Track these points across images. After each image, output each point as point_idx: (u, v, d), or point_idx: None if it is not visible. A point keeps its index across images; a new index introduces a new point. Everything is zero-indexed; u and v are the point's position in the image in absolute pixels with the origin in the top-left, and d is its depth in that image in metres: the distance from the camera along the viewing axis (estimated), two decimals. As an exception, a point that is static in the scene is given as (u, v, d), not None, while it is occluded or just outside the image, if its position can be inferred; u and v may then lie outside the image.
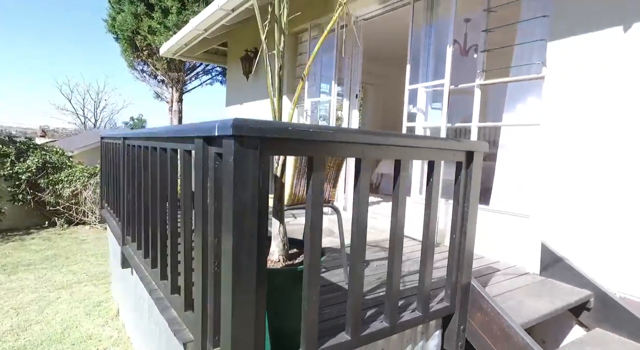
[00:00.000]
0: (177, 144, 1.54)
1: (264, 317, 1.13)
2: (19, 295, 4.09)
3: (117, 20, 9.14)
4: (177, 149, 1.55)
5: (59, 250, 6.33)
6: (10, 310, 3.69)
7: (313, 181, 1.21)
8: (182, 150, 1.47)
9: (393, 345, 1.61)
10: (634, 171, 2.05)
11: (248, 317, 1.08)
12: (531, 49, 2.67)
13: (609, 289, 2.14)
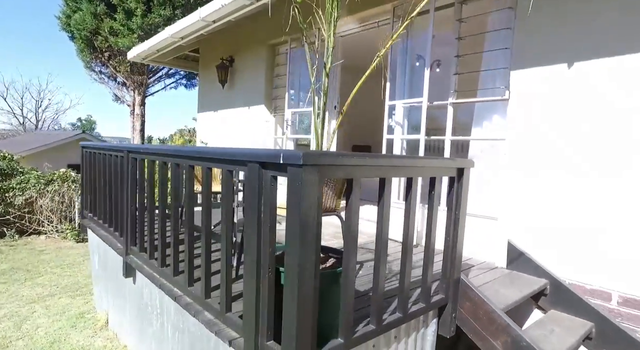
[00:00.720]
0: (215, 163, 1.73)
1: (317, 313, 1.37)
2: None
3: (74, 19, 8.73)
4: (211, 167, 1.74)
5: (16, 262, 6.01)
6: None
7: (352, 201, 1.47)
8: (225, 171, 1.66)
9: (403, 333, 1.90)
10: (578, 180, 2.52)
11: (308, 313, 1.32)
12: (495, 75, 3.11)
13: (561, 277, 2.60)
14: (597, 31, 2.45)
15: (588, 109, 2.49)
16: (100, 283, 3.71)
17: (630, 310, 2.31)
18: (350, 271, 1.50)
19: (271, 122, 5.41)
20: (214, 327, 1.76)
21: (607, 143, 2.41)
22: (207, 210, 1.82)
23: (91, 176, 3.70)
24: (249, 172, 1.48)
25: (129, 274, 2.80)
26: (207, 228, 1.84)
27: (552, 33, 2.63)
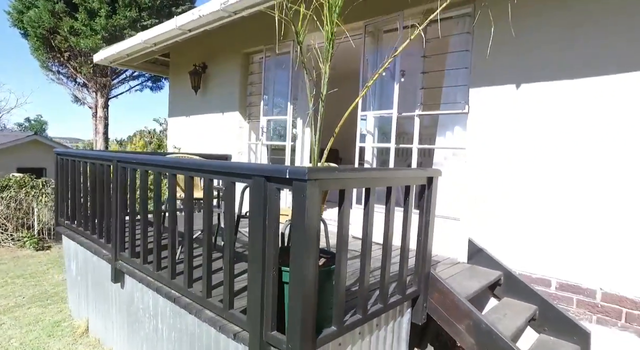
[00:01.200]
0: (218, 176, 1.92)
1: (316, 306, 1.61)
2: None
3: (28, 16, 8.32)
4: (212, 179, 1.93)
5: (-34, 274, 5.72)
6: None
7: (344, 209, 1.72)
8: (228, 182, 1.86)
9: (383, 321, 2.18)
10: (524, 185, 2.94)
11: (310, 306, 1.55)
12: (457, 91, 3.49)
13: (512, 268, 3.00)
14: (537, 61, 2.87)
15: (533, 123, 2.90)
16: (79, 290, 3.71)
17: (564, 293, 2.74)
18: (342, 269, 1.75)
19: (245, 128, 5.56)
20: (217, 323, 1.95)
21: (545, 153, 2.83)
22: (208, 215, 2.00)
23: (69, 184, 3.69)
24: (254, 184, 1.68)
25: (118, 280, 2.88)
26: (208, 232, 2.01)
27: (503, 59, 3.03)
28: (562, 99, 2.78)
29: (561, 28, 2.78)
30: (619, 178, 2.54)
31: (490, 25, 2.71)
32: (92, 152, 3.55)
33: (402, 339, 2.38)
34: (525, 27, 2.89)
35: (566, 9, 2.75)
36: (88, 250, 3.37)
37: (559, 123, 2.79)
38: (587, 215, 2.67)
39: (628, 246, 2.51)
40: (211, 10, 4.16)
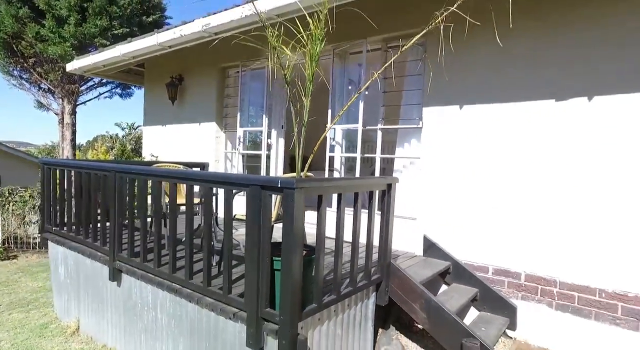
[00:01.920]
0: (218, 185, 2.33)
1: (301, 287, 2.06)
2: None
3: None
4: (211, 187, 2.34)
5: None
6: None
7: (322, 210, 2.19)
8: (228, 190, 2.28)
9: (353, 302, 2.66)
10: (466, 188, 3.54)
11: (297, 287, 2.01)
12: (413, 108, 4.08)
13: (459, 259, 3.59)
14: (473, 88, 3.50)
15: (472, 137, 3.52)
16: (68, 292, 3.92)
17: (498, 277, 3.36)
18: (321, 259, 2.21)
19: (222, 138, 5.91)
20: (217, 307, 2.35)
21: (481, 161, 3.46)
22: (207, 216, 2.40)
23: (56, 192, 3.91)
24: (251, 191, 2.12)
25: (115, 278, 3.18)
26: (209, 230, 2.42)
27: (449, 84, 3.64)
28: (492, 117, 3.41)
29: (490, 64, 3.41)
30: (534, 181, 3.19)
31: (436, 55, 3.30)
32: (89, 162, 3.78)
33: (369, 318, 2.87)
34: (464, 60, 3.51)
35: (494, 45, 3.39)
36: (80, 254, 3.62)
37: (491, 137, 3.42)
38: (512, 212, 3.30)
39: (541, 235, 3.16)
40: (192, 31, 4.53)
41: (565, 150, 3.07)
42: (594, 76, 2.96)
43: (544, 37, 3.17)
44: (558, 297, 3.10)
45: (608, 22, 2.91)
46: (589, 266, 2.97)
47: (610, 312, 2.87)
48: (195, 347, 2.58)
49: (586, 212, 2.98)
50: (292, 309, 2.00)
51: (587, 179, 2.98)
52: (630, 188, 2.81)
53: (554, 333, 3.10)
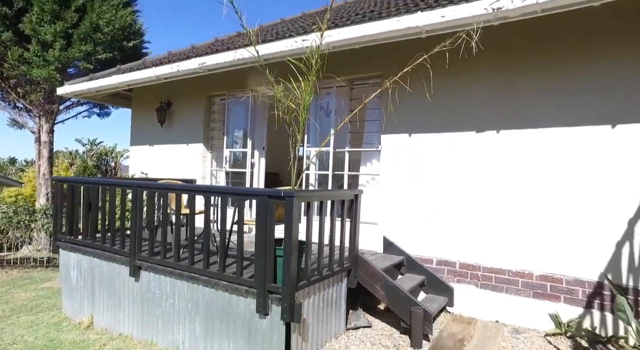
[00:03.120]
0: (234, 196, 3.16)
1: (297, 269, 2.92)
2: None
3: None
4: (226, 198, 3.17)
5: None
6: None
7: (309, 213, 3.08)
8: (241, 199, 3.11)
9: (331, 283, 3.54)
10: (413, 199, 4.57)
11: (294, 267, 2.87)
12: (373, 135, 5.09)
13: (410, 254, 4.57)
14: (417, 121, 4.57)
15: (417, 158, 4.57)
16: (81, 293, 4.48)
17: (440, 266, 4.37)
18: (309, 249, 3.09)
19: (208, 157, 6.67)
20: (231, 288, 3.14)
21: (424, 177, 4.50)
22: (223, 221, 3.22)
23: (73, 206, 4.51)
24: (260, 199, 2.97)
25: (134, 275, 3.85)
26: (223, 230, 3.22)
27: (399, 117, 4.69)
28: (432, 144, 4.49)
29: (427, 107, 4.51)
30: (462, 191, 4.27)
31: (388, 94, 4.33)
32: (107, 179, 4.43)
33: (342, 297, 3.75)
34: (409, 103, 4.57)
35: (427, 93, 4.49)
36: (96, 258, 4.24)
37: (432, 158, 4.49)
38: (448, 216, 4.35)
39: (469, 233, 4.21)
40: (189, 67, 5.35)
41: (482, 168, 4.18)
42: (499, 116, 4.10)
43: (459, 90, 4.31)
44: (481, 279, 4.15)
45: (499, 82, 4.08)
46: (501, 254, 4.04)
47: (514, 286, 3.95)
48: (210, 322, 3.34)
49: (497, 215, 4.07)
50: (290, 283, 2.85)
51: (496, 189, 4.08)
52: (523, 197, 3.93)
53: (479, 305, 4.13)
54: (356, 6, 6.31)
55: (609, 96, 3.56)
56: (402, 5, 4.62)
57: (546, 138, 3.85)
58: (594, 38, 3.64)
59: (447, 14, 3.50)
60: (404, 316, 3.61)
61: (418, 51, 3.17)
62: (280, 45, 4.45)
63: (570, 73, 3.76)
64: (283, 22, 7.86)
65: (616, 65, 3.54)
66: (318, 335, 3.36)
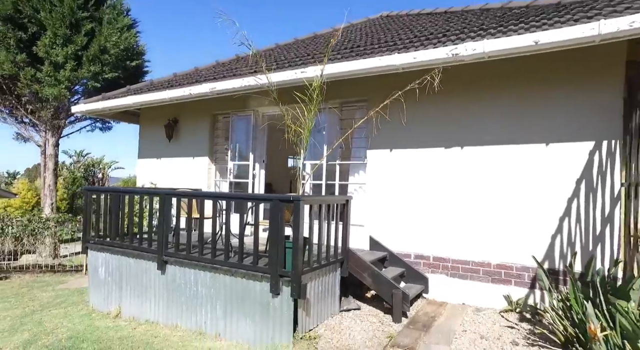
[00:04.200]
0: (251, 201, 3.96)
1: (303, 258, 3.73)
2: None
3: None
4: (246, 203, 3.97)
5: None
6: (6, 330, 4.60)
7: (312, 213, 3.91)
8: (257, 203, 3.92)
9: (328, 271, 4.34)
10: (394, 204, 5.44)
11: (300, 256, 3.68)
12: (361, 150, 5.97)
13: (392, 250, 5.41)
14: (397, 138, 5.47)
15: (397, 170, 5.46)
16: (108, 288, 5.15)
17: (417, 260, 5.24)
18: (311, 243, 3.90)
19: (212, 169, 7.43)
20: (248, 274, 3.92)
21: (403, 186, 5.39)
22: (242, 222, 4.00)
23: (103, 212, 5.21)
24: (273, 203, 3.78)
25: (161, 268, 4.57)
26: (242, 228, 4.01)
27: (382, 135, 5.58)
28: (410, 158, 5.39)
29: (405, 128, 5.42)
30: (434, 197, 5.16)
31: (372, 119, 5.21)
32: (136, 189, 5.15)
33: (336, 284, 4.56)
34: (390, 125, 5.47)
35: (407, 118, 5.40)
36: (124, 256, 4.95)
37: (410, 169, 5.38)
38: (424, 218, 5.23)
39: (441, 231, 5.09)
40: (200, 91, 6.16)
41: (450, 178, 5.09)
42: (462, 136, 5.04)
43: (431, 114, 5.24)
44: (451, 269, 5.02)
45: (460, 109, 5.03)
46: (466, 248, 4.93)
47: (476, 274, 4.83)
48: (229, 304, 4.09)
49: (462, 216, 4.97)
50: (297, 268, 3.65)
51: (461, 194, 4.99)
52: (482, 201, 4.84)
53: (449, 291, 5.00)
54: (344, 37, 7.25)
55: (546, 121, 4.53)
56: (383, 42, 5.58)
57: (497, 153, 4.79)
58: (532, 76, 4.62)
59: (418, 56, 4.43)
60: (387, 298, 4.43)
61: (397, 80, 4.13)
62: (282, 75, 5.31)
63: (514, 102, 4.72)
64: (278, 48, 8.77)
65: (546, 96, 4.52)
66: (318, 313, 4.16)
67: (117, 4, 10.52)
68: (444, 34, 4.96)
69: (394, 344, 3.66)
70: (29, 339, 4.26)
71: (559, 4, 4.90)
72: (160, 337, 4.25)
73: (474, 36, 4.43)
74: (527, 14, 4.85)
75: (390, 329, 4.11)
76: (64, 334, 4.37)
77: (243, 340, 3.97)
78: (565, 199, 4.38)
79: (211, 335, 4.20)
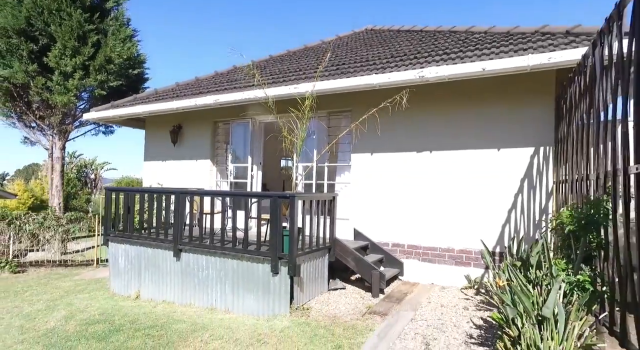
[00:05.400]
0: (256, 198, 4.82)
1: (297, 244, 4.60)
2: (29, 307, 5.65)
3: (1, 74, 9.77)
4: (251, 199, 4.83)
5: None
6: (43, 309, 5.38)
7: (304, 208, 4.79)
8: (260, 199, 4.77)
9: (317, 255, 5.22)
10: (375, 200, 6.34)
11: (295, 242, 4.55)
12: (346, 154, 6.86)
13: (373, 240, 6.31)
14: (377, 144, 6.38)
15: (377, 171, 6.36)
16: (128, 275, 5.95)
17: (394, 248, 6.15)
18: (304, 232, 4.77)
19: (213, 171, 8.25)
20: (252, 258, 4.77)
21: (381, 184, 6.30)
22: (246, 216, 4.85)
23: (123, 209, 6.00)
24: (273, 199, 4.64)
25: (176, 255, 5.40)
26: (246, 223, 4.86)
27: (364, 141, 6.48)
28: (388, 161, 6.30)
29: (381, 137, 6.32)
30: (407, 194, 6.07)
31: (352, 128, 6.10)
32: (153, 188, 5.95)
33: (325, 267, 5.44)
34: (368, 135, 6.38)
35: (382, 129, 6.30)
36: (142, 247, 5.75)
37: (387, 170, 6.29)
38: (400, 212, 6.14)
39: (414, 224, 6.01)
40: (205, 102, 6.98)
41: (421, 177, 6.00)
42: (431, 142, 5.96)
43: (406, 124, 6.15)
44: (422, 255, 5.95)
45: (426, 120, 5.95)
46: (435, 236, 5.86)
47: (443, 258, 5.76)
48: (236, 283, 4.94)
49: (431, 209, 5.90)
50: (293, 251, 4.52)
51: (431, 191, 5.91)
52: (448, 197, 5.77)
53: (420, 274, 5.92)
54: (332, 52, 8.13)
55: (498, 131, 5.47)
56: (364, 61, 6.48)
57: (460, 157, 5.73)
58: (487, 94, 5.56)
59: (392, 77, 5.34)
60: (367, 278, 5.33)
61: (375, 95, 5.06)
62: (278, 90, 6.17)
63: (473, 117, 5.65)
64: (271, 59, 9.62)
65: (498, 111, 5.46)
66: (310, 290, 5.03)
67: (119, 15, 11.24)
68: (415, 56, 5.88)
69: (371, 312, 4.56)
70: (67, 315, 5.05)
71: (508, 33, 5.85)
72: (178, 312, 5.08)
73: (438, 60, 5.35)
74: (483, 41, 5.80)
75: (370, 302, 5.01)
76: (95, 311, 5.17)
77: (248, 312, 4.83)
78: (512, 194, 5.33)
79: (221, 310, 5.04)
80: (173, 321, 4.59)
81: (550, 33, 5.08)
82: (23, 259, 9.37)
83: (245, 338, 3.93)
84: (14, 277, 8.30)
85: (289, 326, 4.16)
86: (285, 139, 5.00)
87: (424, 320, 4.25)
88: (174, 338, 4.02)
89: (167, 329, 4.31)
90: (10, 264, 8.56)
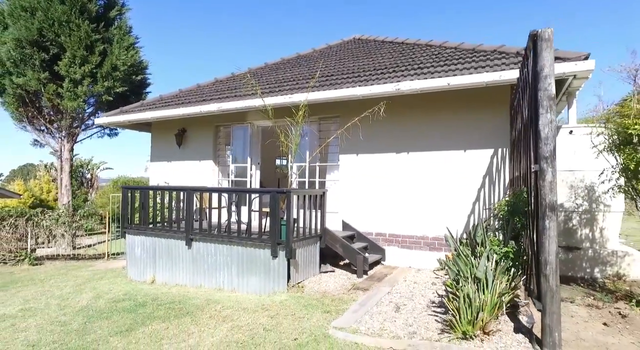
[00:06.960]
0: (257, 194, 5.67)
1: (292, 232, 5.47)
2: (59, 291, 6.45)
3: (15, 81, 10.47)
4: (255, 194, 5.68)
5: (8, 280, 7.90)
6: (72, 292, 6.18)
7: (299, 202, 5.65)
8: (261, 195, 5.63)
9: (310, 242, 6.09)
10: (361, 194, 7.22)
11: (291, 230, 5.42)
12: (335, 154, 7.73)
13: (359, 230, 7.19)
14: (363, 146, 7.26)
15: (362, 170, 7.25)
16: (144, 263, 6.77)
17: (377, 236, 7.05)
18: (299, 223, 5.64)
19: (215, 170, 9.07)
20: (255, 245, 5.63)
21: (366, 181, 7.18)
22: (249, 209, 5.71)
23: (139, 204, 6.82)
24: (272, 194, 5.50)
25: (188, 244, 6.23)
26: (249, 215, 5.72)
27: (351, 143, 7.34)
28: (371, 161, 7.18)
29: (365, 141, 7.20)
30: (389, 189, 6.96)
31: (338, 134, 6.96)
32: (167, 186, 6.77)
33: (317, 253, 6.31)
34: (353, 140, 7.25)
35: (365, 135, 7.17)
36: (157, 238, 6.57)
37: (371, 169, 7.17)
38: (383, 205, 7.03)
39: (394, 215, 6.91)
40: (209, 109, 7.80)
41: (400, 175, 6.90)
42: (409, 143, 6.85)
43: (386, 128, 7.04)
44: (401, 242, 6.85)
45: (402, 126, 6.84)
46: (412, 226, 6.76)
47: (419, 245, 6.67)
48: (241, 267, 5.79)
49: (409, 203, 6.79)
50: (289, 238, 5.39)
51: (408, 188, 6.81)
52: (422, 192, 6.67)
53: (400, 258, 6.82)
54: (322, 62, 8.99)
55: (465, 134, 6.37)
56: (350, 73, 7.35)
57: (433, 157, 6.63)
58: (455, 103, 6.46)
59: (372, 89, 6.22)
60: (353, 261, 6.21)
61: (359, 104, 5.92)
62: (275, 99, 7.02)
63: (444, 124, 6.55)
64: (267, 67, 10.45)
65: (465, 118, 6.37)
66: (304, 272, 5.91)
67: (123, 24, 11.97)
68: (394, 70, 6.77)
69: (356, 288, 5.45)
70: (94, 296, 5.86)
71: (473, 50, 6.76)
72: (191, 292, 5.92)
73: (413, 74, 6.24)
74: (452, 56, 6.71)
75: (355, 281, 5.90)
76: (119, 292, 5.99)
77: (252, 291, 5.69)
78: (476, 189, 6.24)
79: (228, 290, 5.90)
80: (188, 298, 5.43)
81: (505, 52, 6.00)
82: (33, 255, 10.11)
83: (251, 307, 4.79)
84: (34, 269, 9.06)
85: (287, 299, 5.03)
86: (282, 143, 5.86)
87: (398, 293, 5.15)
88: (192, 309, 4.88)
89: (185, 303, 5.16)
90: (29, 257, 9.31)
